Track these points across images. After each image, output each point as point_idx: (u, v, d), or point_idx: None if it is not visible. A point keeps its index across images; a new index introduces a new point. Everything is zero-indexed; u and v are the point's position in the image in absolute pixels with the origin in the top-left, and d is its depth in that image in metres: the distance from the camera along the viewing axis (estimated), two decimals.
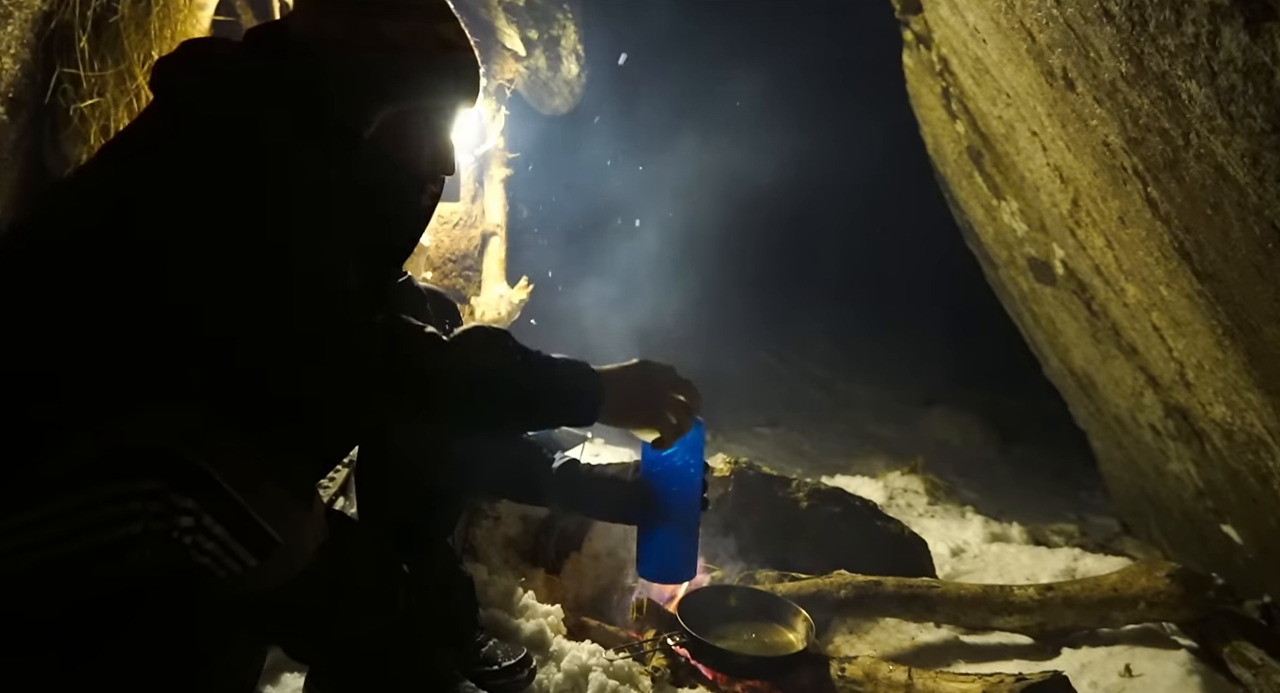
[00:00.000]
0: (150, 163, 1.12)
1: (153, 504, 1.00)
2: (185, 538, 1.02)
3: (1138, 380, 2.79)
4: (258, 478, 1.06)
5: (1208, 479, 2.67)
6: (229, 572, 1.05)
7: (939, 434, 6.18)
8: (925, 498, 4.17)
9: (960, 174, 3.53)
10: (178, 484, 1.01)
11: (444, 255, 3.89)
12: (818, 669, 2.02)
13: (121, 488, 1.00)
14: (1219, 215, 1.61)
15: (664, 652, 2.08)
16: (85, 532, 1.00)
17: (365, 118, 1.30)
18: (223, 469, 1.03)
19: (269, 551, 1.07)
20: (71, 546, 1.01)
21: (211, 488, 1.02)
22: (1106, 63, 1.65)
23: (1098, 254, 2.44)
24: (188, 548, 1.03)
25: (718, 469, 2.76)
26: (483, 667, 1.72)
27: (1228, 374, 2.10)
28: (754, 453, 4.69)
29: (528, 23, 3.81)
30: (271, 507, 1.07)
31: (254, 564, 1.06)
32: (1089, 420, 3.85)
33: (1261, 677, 1.95)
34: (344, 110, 1.27)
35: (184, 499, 1.01)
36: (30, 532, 1.01)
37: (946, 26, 2.71)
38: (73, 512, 1.00)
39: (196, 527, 1.02)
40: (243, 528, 1.05)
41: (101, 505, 1.00)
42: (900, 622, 2.40)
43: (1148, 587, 2.12)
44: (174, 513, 1.01)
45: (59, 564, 1.02)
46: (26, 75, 1.96)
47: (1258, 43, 1.19)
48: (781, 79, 6.51)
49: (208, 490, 1.02)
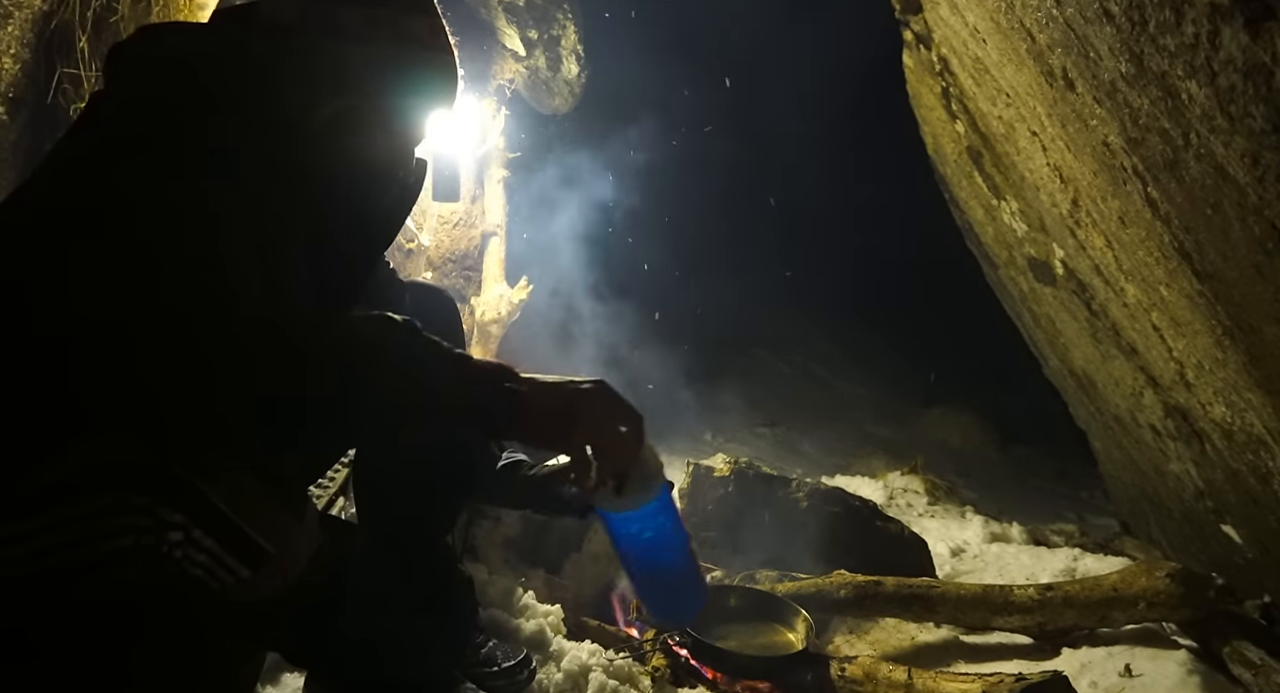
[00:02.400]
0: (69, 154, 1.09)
1: (141, 519, 0.97)
2: (176, 552, 0.99)
3: (1138, 380, 2.79)
4: (245, 490, 1.04)
5: (1208, 479, 2.67)
6: (222, 583, 1.04)
7: (939, 434, 6.18)
8: (925, 498, 4.17)
9: (960, 174, 3.53)
10: (164, 499, 0.98)
11: (444, 255, 3.89)
12: (818, 669, 2.02)
13: (109, 503, 0.97)
14: (1219, 215, 1.61)
15: (664, 652, 2.08)
16: (75, 546, 0.97)
17: (314, 109, 1.22)
18: (209, 482, 1.01)
19: (261, 562, 1.06)
20: (59, 559, 0.98)
21: (199, 502, 1.00)
22: (1106, 63, 1.65)
23: (1098, 254, 2.44)
24: (179, 561, 1.00)
25: (718, 469, 2.76)
26: (482, 668, 1.72)
27: (1228, 374, 2.10)
28: (754, 453, 4.69)
29: (528, 23, 3.81)
30: (261, 519, 1.05)
31: (246, 575, 1.05)
32: (1089, 420, 3.85)
33: (1261, 677, 1.95)
34: (292, 100, 1.19)
35: (172, 514, 0.98)
36: (12, 546, 0.99)
37: (946, 26, 2.71)
38: (62, 526, 0.98)
39: (186, 540, 1.00)
40: (233, 540, 1.03)
41: (90, 521, 0.97)
42: (900, 622, 2.40)
43: (1148, 587, 2.11)
44: (162, 528, 0.98)
45: (46, 578, 1.00)
46: (27, 75, 1.96)
47: (1258, 43, 1.19)
48: (783, 78, 6.51)
49: (195, 504, 1.00)
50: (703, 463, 2.80)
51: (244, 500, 1.04)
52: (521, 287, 3.80)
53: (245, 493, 1.05)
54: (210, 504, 1.01)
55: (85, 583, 1.00)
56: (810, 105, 7.24)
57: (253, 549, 1.05)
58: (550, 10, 3.85)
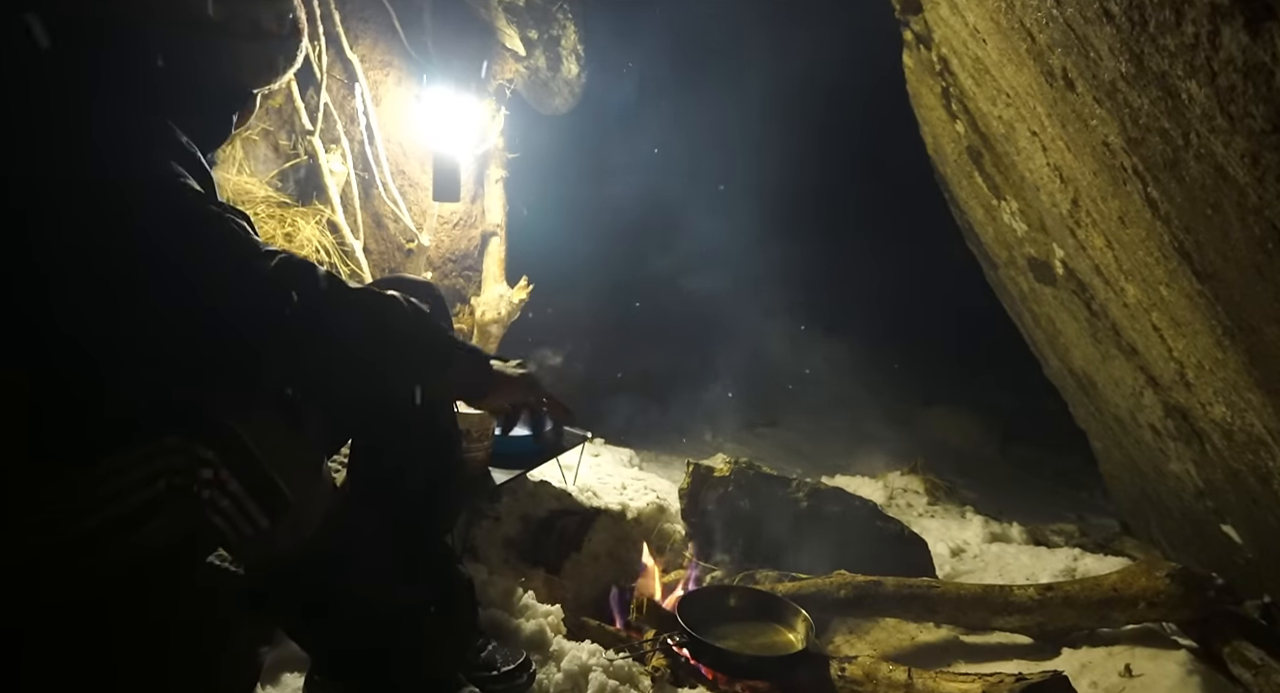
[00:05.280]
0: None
1: (176, 458, 1.06)
2: (204, 492, 1.07)
3: (1138, 380, 2.79)
4: (271, 433, 1.12)
5: (1208, 479, 2.67)
6: (240, 534, 1.09)
7: (939, 434, 6.18)
8: (925, 498, 4.18)
9: (960, 174, 3.52)
10: (199, 436, 1.07)
11: (444, 255, 3.88)
12: (818, 669, 2.02)
13: (149, 449, 1.06)
14: (1219, 215, 1.61)
15: (664, 652, 2.08)
16: (113, 499, 1.05)
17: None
18: (240, 421, 1.09)
19: (281, 510, 1.12)
20: (98, 518, 1.05)
21: (230, 439, 1.08)
22: (1106, 63, 1.65)
23: (1098, 254, 2.44)
24: (204, 506, 1.07)
25: (718, 469, 2.76)
26: (482, 672, 1.71)
27: (1228, 374, 2.10)
28: (754, 453, 4.69)
29: (528, 23, 3.81)
30: (284, 463, 1.12)
31: (265, 525, 1.09)
32: (1089, 420, 3.85)
33: (1261, 677, 1.95)
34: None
35: (205, 450, 1.06)
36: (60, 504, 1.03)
37: (946, 26, 2.71)
38: (104, 478, 1.04)
39: (215, 481, 1.07)
40: (257, 483, 1.10)
41: (129, 469, 1.05)
42: (900, 622, 2.40)
43: (1148, 587, 2.11)
44: (195, 465, 1.06)
45: (82, 542, 1.04)
46: None
47: (1258, 43, 1.19)
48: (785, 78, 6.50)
49: (226, 441, 1.08)
50: (703, 463, 2.81)
51: (270, 442, 1.12)
52: (521, 287, 3.79)
53: (271, 435, 1.12)
54: (240, 442, 1.09)
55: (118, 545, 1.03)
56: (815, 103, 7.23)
57: (274, 494, 1.12)
58: (550, 10, 3.85)
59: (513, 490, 2.54)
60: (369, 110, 3.36)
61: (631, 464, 3.80)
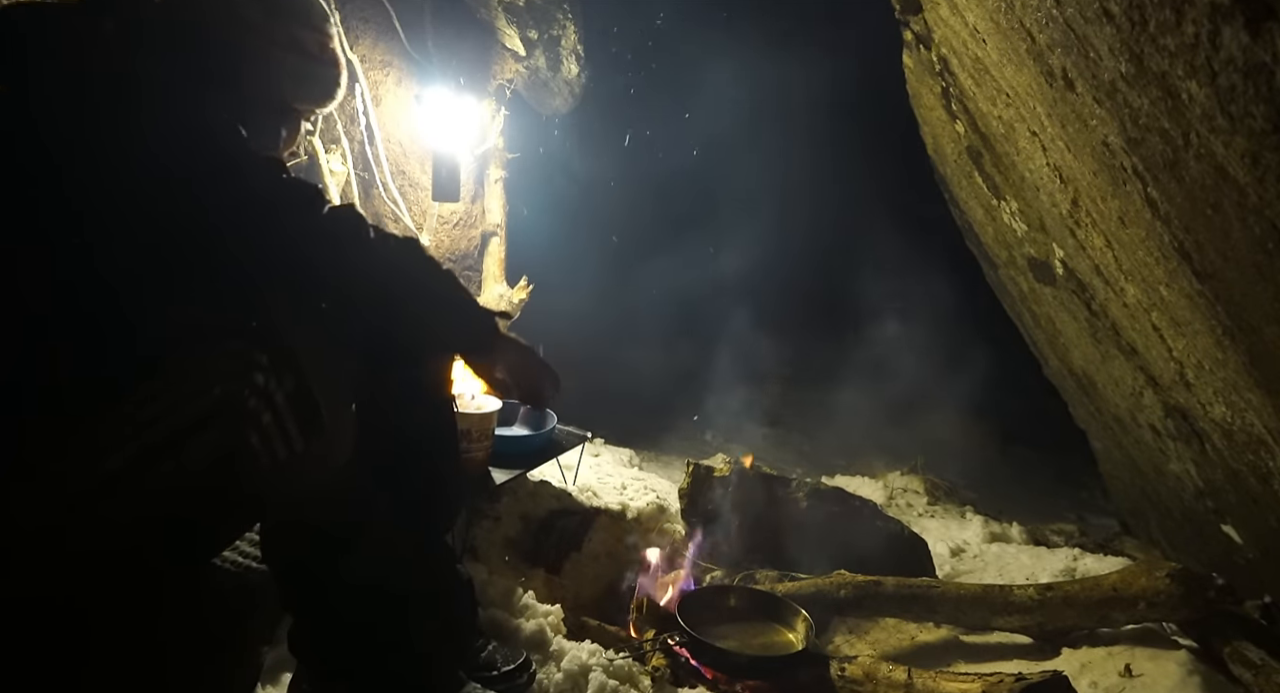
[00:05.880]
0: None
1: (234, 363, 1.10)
2: (252, 400, 1.10)
3: (1137, 380, 2.79)
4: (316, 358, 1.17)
5: (1208, 479, 2.67)
6: (274, 457, 1.11)
7: (939, 434, 6.17)
8: (925, 498, 4.18)
9: (960, 174, 3.52)
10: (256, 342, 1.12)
11: (444, 255, 3.88)
12: (818, 669, 2.02)
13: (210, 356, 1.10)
14: (1219, 215, 1.61)
15: (664, 652, 2.08)
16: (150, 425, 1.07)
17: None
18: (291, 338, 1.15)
19: (317, 432, 1.15)
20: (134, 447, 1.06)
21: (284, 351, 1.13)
22: (1106, 63, 1.65)
23: (1097, 254, 2.44)
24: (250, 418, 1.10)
25: (718, 469, 2.76)
26: (482, 672, 1.71)
27: (1228, 374, 2.10)
28: (754, 453, 4.68)
29: (528, 23, 3.81)
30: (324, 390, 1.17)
31: (300, 447, 1.14)
32: (1089, 420, 3.85)
33: (1261, 677, 1.95)
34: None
35: (261, 355, 1.11)
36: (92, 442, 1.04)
37: (946, 26, 2.71)
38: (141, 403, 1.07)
39: (264, 390, 1.11)
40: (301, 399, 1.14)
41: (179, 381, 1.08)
42: (900, 622, 2.40)
43: (1148, 587, 2.11)
44: (250, 369, 1.10)
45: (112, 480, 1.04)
46: None
47: (1258, 43, 1.19)
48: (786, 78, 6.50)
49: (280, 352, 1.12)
50: (703, 463, 2.81)
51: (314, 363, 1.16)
52: (521, 287, 3.79)
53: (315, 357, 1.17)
54: (291, 354, 1.14)
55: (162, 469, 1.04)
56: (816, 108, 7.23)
57: (314, 414, 1.15)
58: (550, 10, 3.85)
59: (513, 490, 2.54)
60: (369, 110, 3.36)
61: (631, 464, 3.81)
